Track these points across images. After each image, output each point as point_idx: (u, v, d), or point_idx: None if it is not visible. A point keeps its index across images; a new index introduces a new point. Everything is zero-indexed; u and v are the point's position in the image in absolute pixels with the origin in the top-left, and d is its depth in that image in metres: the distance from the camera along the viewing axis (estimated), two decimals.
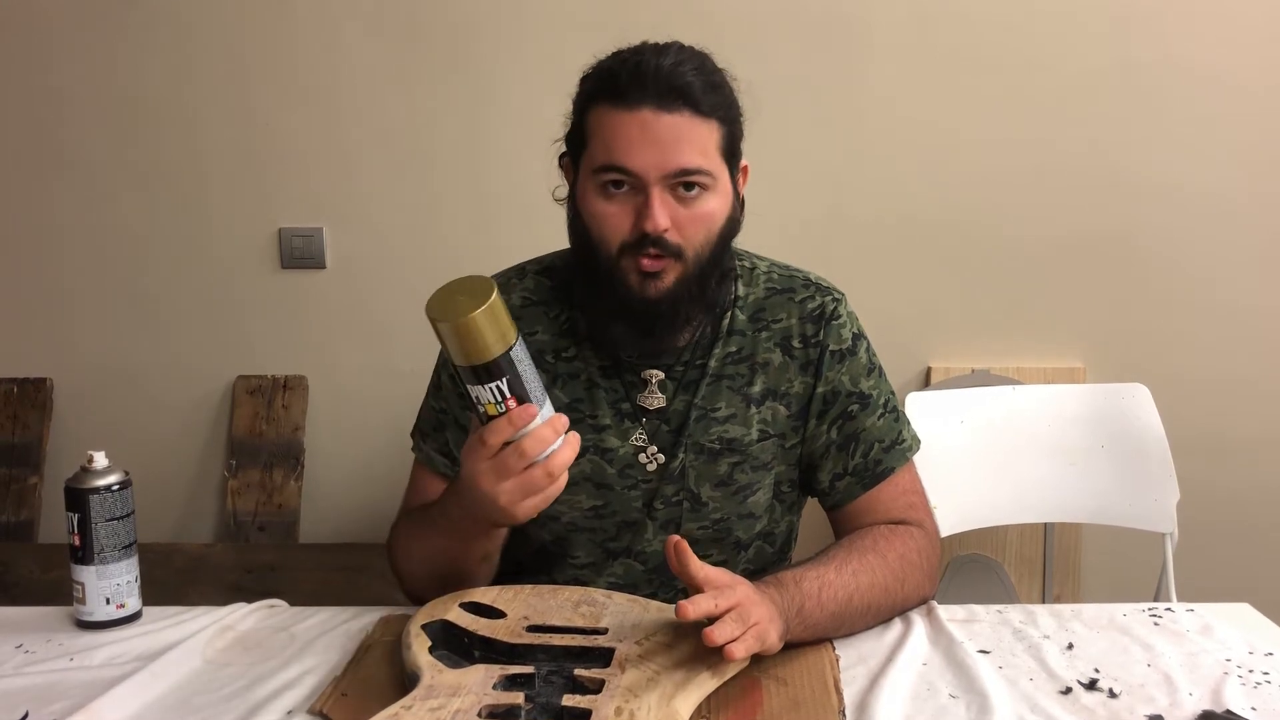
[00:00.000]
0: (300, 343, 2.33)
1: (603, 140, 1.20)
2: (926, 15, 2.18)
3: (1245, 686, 1.07)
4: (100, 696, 1.05)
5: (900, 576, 1.22)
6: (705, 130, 1.19)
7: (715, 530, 1.31)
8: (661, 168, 1.17)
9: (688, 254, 1.21)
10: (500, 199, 2.25)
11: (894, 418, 1.34)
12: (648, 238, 1.19)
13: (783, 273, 1.36)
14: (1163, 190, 2.21)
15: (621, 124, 1.18)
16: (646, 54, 1.20)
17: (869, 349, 1.35)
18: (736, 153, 1.25)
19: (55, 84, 2.28)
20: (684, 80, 1.18)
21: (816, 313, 1.32)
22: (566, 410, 1.28)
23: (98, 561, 1.22)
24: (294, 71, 2.25)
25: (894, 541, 1.25)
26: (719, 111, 1.21)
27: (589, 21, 2.17)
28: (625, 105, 1.18)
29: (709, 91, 1.19)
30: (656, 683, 0.97)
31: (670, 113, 1.17)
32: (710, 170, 1.20)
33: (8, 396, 2.34)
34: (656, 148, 1.17)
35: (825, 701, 1.01)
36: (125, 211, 2.31)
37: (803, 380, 1.31)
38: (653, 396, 1.29)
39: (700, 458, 1.29)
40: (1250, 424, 2.26)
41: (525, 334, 1.29)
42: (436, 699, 0.94)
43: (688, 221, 1.20)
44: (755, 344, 1.31)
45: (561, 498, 1.28)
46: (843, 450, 1.31)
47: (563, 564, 1.33)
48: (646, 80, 1.17)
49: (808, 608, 1.12)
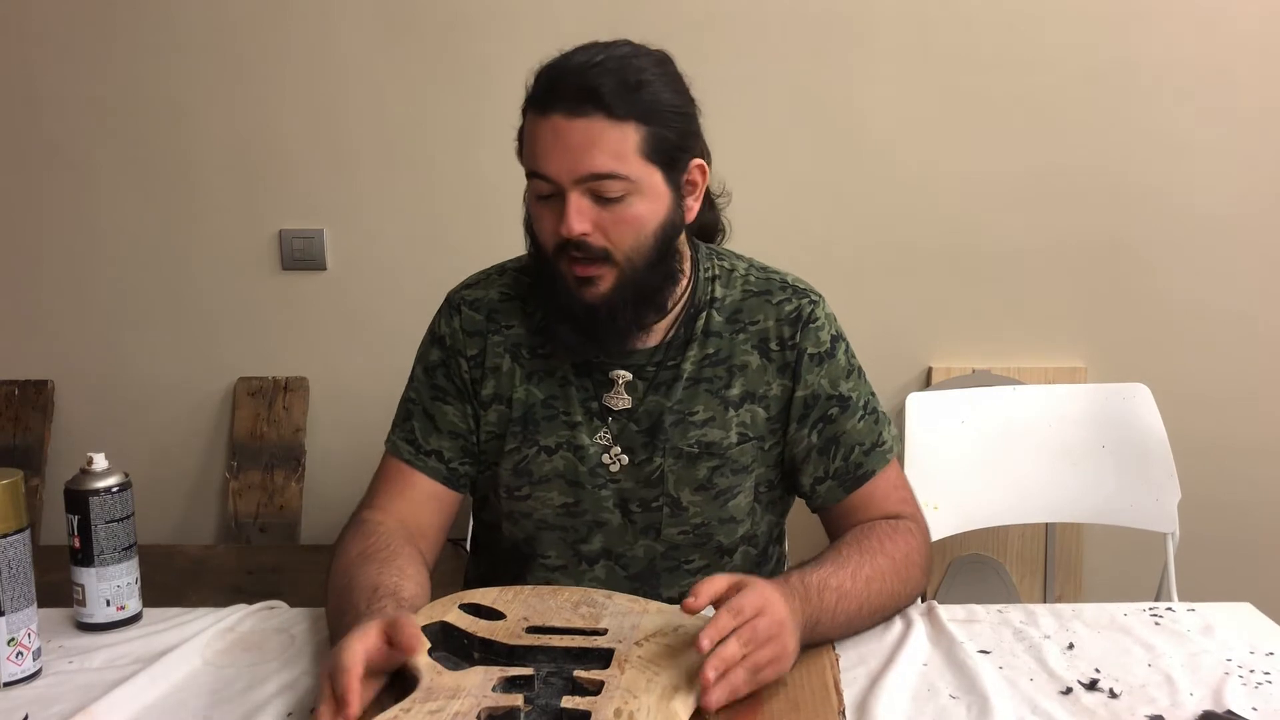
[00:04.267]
0: (301, 344, 2.34)
1: (528, 145, 1.22)
2: (929, 17, 2.18)
3: (1246, 687, 1.07)
4: (100, 699, 1.05)
5: (905, 578, 1.23)
6: (618, 134, 1.17)
7: (696, 535, 1.31)
8: (573, 172, 1.18)
9: (617, 257, 1.20)
10: (499, 200, 2.24)
11: (874, 419, 1.33)
12: (570, 242, 1.19)
13: (760, 274, 1.35)
14: (1163, 191, 2.21)
15: (538, 130, 1.19)
16: (572, 58, 1.20)
17: (848, 351, 1.34)
18: (673, 154, 1.22)
19: (54, 87, 2.28)
20: (594, 83, 1.16)
21: (793, 315, 1.31)
22: (541, 407, 1.29)
23: (98, 563, 1.22)
24: (294, 74, 2.25)
25: (898, 541, 1.25)
26: (636, 112, 1.18)
27: (588, 23, 2.15)
28: (541, 111, 1.19)
29: (623, 92, 1.17)
30: (656, 683, 0.97)
31: (580, 117, 1.17)
32: (626, 174, 1.18)
33: (9, 399, 2.34)
34: (567, 153, 1.17)
35: (825, 703, 1.01)
36: (126, 213, 2.31)
37: (780, 383, 1.31)
38: (618, 397, 1.29)
39: (679, 462, 1.29)
40: (1251, 423, 2.26)
41: (504, 327, 1.31)
42: (435, 701, 0.94)
43: (611, 225, 1.19)
44: (733, 346, 1.31)
45: (533, 494, 1.28)
46: (823, 454, 1.31)
47: (534, 564, 1.33)
48: (558, 85, 1.18)
49: (823, 623, 1.11)
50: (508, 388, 1.31)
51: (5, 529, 1.09)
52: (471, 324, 1.33)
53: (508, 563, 1.36)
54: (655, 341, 1.30)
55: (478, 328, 1.32)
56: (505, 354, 1.31)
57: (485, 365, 1.31)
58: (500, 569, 1.37)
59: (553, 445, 1.29)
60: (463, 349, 1.32)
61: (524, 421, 1.30)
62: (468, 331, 1.32)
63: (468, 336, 1.32)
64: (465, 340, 1.32)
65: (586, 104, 1.16)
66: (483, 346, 1.32)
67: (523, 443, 1.30)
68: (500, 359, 1.31)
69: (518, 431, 1.30)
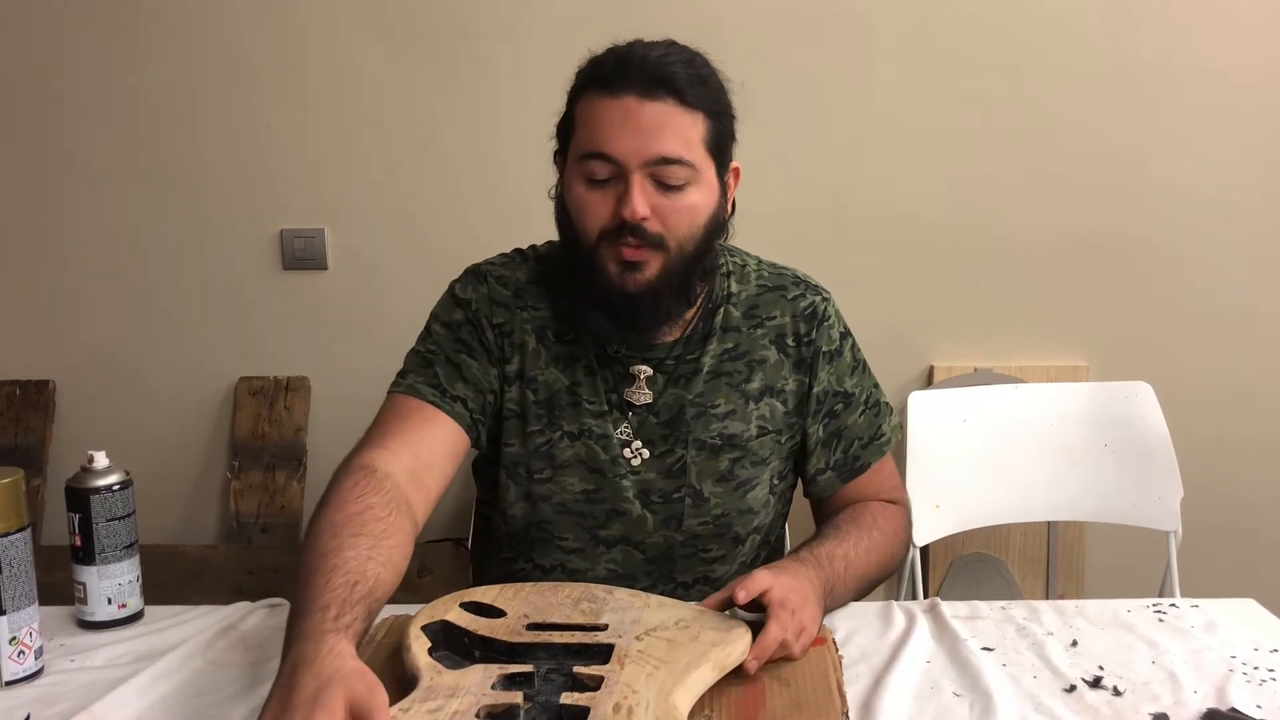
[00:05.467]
0: (302, 344, 2.33)
1: (587, 127, 1.20)
2: (930, 14, 2.18)
3: (1250, 684, 1.07)
4: (102, 697, 1.05)
5: (894, 552, 1.33)
6: (689, 120, 1.19)
7: (716, 526, 1.32)
8: (642, 154, 1.17)
9: (670, 244, 1.20)
10: (501, 200, 2.25)
11: (875, 413, 1.37)
12: (626, 225, 1.18)
13: (772, 270, 1.37)
14: (1166, 188, 2.21)
15: (605, 110, 1.18)
16: (636, 46, 1.21)
17: (854, 346, 1.38)
18: (725, 151, 1.25)
19: (57, 86, 2.28)
20: (669, 70, 1.18)
21: (808, 311, 1.34)
22: (566, 393, 1.29)
23: (99, 561, 1.22)
24: (296, 73, 2.25)
25: (888, 517, 1.34)
26: (705, 104, 1.20)
27: (592, 23, 2.17)
28: (610, 92, 1.18)
29: (695, 83, 1.19)
30: (655, 678, 0.97)
31: (654, 100, 1.17)
32: (692, 161, 1.19)
33: (10, 398, 2.34)
34: (638, 134, 1.17)
35: (828, 703, 1.01)
36: (127, 213, 2.31)
37: (796, 378, 1.33)
38: (640, 392, 1.30)
39: (702, 454, 1.30)
40: (1253, 421, 2.26)
41: (531, 307, 1.30)
42: (434, 701, 0.94)
43: (670, 211, 1.20)
44: (751, 341, 1.32)
45: (554, 478, 1.28)
46: (826, 447, 1.35)
47: (549, 547, 1.33)
48: (631, 68, 1.18)
49: (837, 589, 1.20)
50: (533, 368, 1.29)
51: (6, 528, 1.09)
52: (499, 295, 1.31)
53: (516, 544, 1.35)
54: (676, 336, 1.30)
55: (505, 300, 1.31)
56: (531, 334, 1.30)
57: (512, 339, 1.29)
58: (508, 556, 1.36)
59: (575, 431, 1.29)
60: (489, 315, 1.30)
61: (548, 405, 1.29)
62: (495, 301, 1.30)
63: (494, 305, 1.30)
64: (492, 308, 1.30)
65: (661, 88, 1.17)
66: (509, 319, 1.30)
67: (547, 426, 1.29)
68: (527, 337, 1.30)
69: (542, 415, 1.29)
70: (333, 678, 0.86)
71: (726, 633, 1.05)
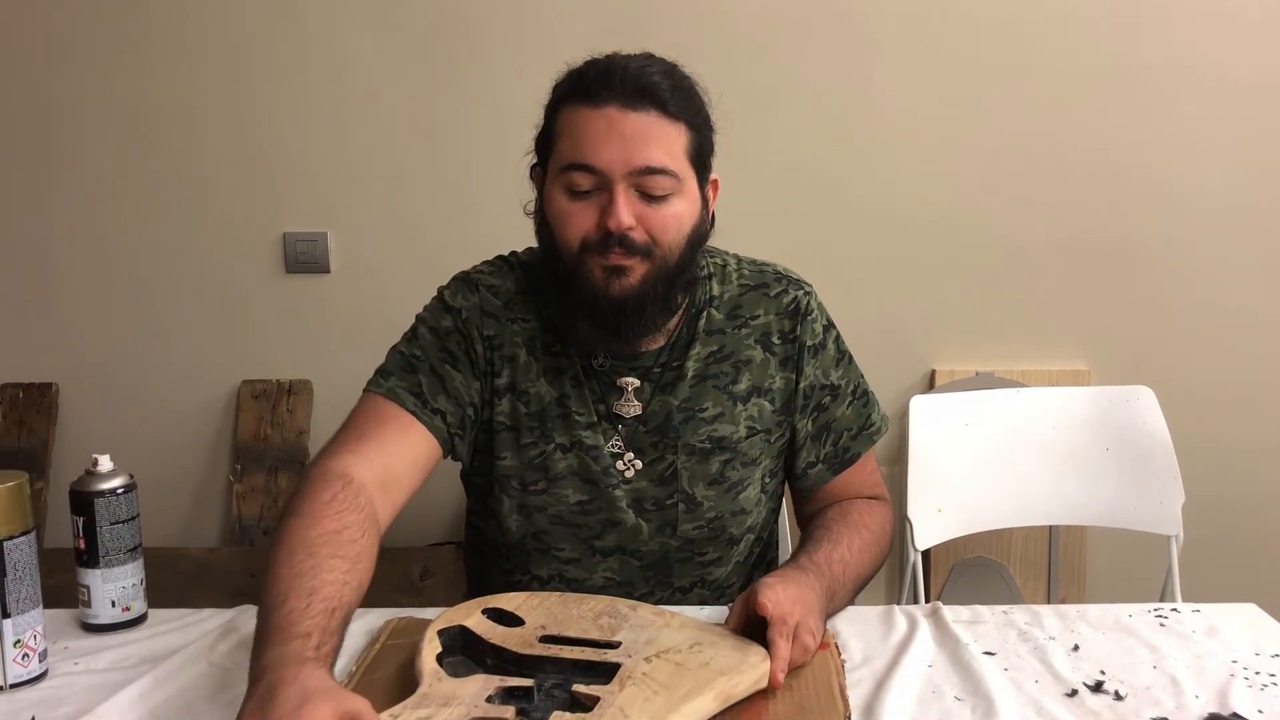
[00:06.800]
0: (305, 347, 2.34)
1: (569, 138, 1.20)
2: (931, 17, 2.18)
3: (1252, 689, 1.07)
4: (106, 700, 1.05)
5: (884, 549, 1.35)
6: (673, 131, 1.20)
7: (710, 529, 1.32)
8: (627, 164, 1.18)
9: (656, 252, 1.21)
10: (505, 204, 2.24)
11: (862, 403, 1.38)
12: (612, 236, 1.18)
13: (753, 268, 1.37)
14: (1168, 193, 2.21)
15: (588, 121, 1.19)
16: (616, 58, 1.21)
17: (837, 338, 1.38)
18: (705, 162, 1.25)
19: (58, 90, 2.28)
20: (651, 80, 1.18)
21: (791, 307, 1.34)
22: (555, 405, 1.29)
23: (103, 564, 1.22)
24: (298, 77, 2.26)
25: (875, 515, 1.35)
26: (686, 115, 1.21)
27: (594, 27, 2.17)
28: (592, 103, 1.19)
29: (677, 94, 1.20)
30: (652, 703, 0.95)
31: (637, 110, 1.18)
32: (676, 171, 1.20)
33: (13, 402, 2.34)
34: (622, 144, 1.17)
35: (831, 707, 1.01)
36: (130, 217, 2.32)
37: (783, 376, 1.34)
38: (628, 405, 1.30)
39: (692, 458, 1.30)
40: (1255, 425, 2.26)
41: (521, 319, 1.30)
42: (426, 708, 0.93)
43: (655, 221, 1.20)
44: (736, 342, 1.32)
45: (549, 489, 1.28)
46: (815, 440, 1.36)
47: (545, 557, 1.33)
48: (614, 79, 1.18)
49: (837, 593, 1.21)
50: (524, 380, 1.29)
51: (10, 531, 1.09)
52: (490, 305, 1.31)
53: (513, 560, 1.35)
54: (660, 343, 1.31)
55: (496, 311, 1.30)
56: (522, 346, 1.30)
57: (502, 352, 1.29)
58: (503, 566, 1.37)
59: (568, 443, 1.29)
60: (480, 326, 1.30)
61: (540, 417, 1.29)
62: (486, 312, 1.30)
63: (485, 316, 1.30)
64: (483, 319, 1.30)
65: (644, 99, 1.18)
66: (499, 331, 1.30)
67: (540, 438, 1.29)
68: (517, 350, 1.30)
69: (535, 427, 1.29)
70: (316, 691, 0.85)
71: (740, 660, 1.03)
